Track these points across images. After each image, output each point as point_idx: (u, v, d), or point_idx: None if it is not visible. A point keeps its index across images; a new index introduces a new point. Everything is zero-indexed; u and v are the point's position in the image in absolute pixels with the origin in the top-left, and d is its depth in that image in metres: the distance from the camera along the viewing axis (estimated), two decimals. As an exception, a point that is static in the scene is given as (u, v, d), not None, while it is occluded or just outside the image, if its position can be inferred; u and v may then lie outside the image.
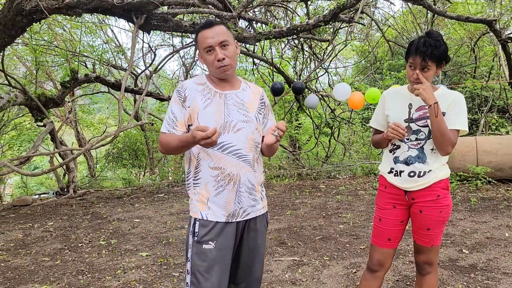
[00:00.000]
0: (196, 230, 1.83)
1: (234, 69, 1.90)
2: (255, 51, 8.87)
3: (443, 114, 2.02)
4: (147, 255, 4.06)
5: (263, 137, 1.96)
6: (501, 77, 9.64)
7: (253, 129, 1.88)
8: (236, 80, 1.95)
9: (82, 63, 9.14)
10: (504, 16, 8.84)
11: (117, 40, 11.72)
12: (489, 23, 6.51)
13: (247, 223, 1.91)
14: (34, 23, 5.78)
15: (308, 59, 9.78)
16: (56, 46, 8.75)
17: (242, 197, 1.85)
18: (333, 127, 9.93)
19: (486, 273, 3.27)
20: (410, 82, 2.07)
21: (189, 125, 1.86)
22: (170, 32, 7.96)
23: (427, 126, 2.04)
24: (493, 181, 6.73)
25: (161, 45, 11.28)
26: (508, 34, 8.27)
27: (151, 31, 7.00)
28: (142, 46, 9.15)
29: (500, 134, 9.87)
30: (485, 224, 4.64)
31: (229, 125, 1.83)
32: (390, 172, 2.16)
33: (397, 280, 3.21)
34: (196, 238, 1.82)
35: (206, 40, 1.79)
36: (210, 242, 1.80)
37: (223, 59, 1.79)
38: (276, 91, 6.98)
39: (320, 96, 9.30)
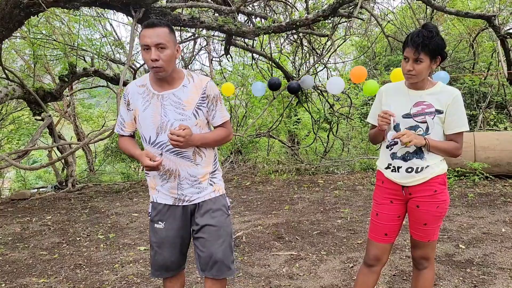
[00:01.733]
0: (149, 210, 2.13)
1: (169, 72, 1.91)
2: (254, 45, 8.85)
3: (442, 112, 2.03)
4: (145, 249, 4.07)
5: (216, 127, 2.09)
6: (500, 73, 9.63)
7: (192, 126, 1.95)
8: (177, 77, 1.98)
9: (80, 57, 9.09)
10: (503, 12, 8.83)
11: (116, 34, 11.67)
12: (488, 19, 6.50)
13: (197, 206, 2.05)
14: (32, 16, 5.74)
15: (307, 54, 9.76)
16: (54, 40, 8.70)
17: (184, 188, 2.02)
18: (332, 123, 9.93)
19: (482, 268, 3.29)
20: (404, 75, 2.06)
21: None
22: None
23: (425, 122, 2.05)
24: (491, 176, 6.75)
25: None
26: (507, 29, 8.26)
27: (150, 25, 6.95)
28: (141, 40, 9.10)
29: (498, 130, 9.88)
30: (482, 219, 4.66)
31: (166, 125, 1.94)
32: (388, 167, 2.16)
33: (394, 275, 3.23)
34: (149, 217, 2.12)
35: (144, 39, 1.87)
36: (160, 222, 2.06)
37: (156, 60, 1.85)
38: (272, 86, 6.96)
39: (319, 91, 9.30)
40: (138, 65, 9.51)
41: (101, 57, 8.72)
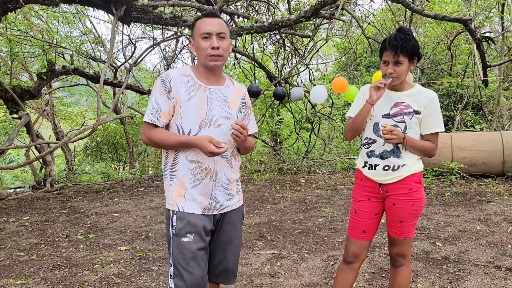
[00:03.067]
0: (174, 223, 1.85)
1: (224, 63, 1.90)
2: (237, 45, 8.85)
3: (419, 112, 2.09)
4: (126, 249, 4.03)
5: None
6: (476, 75, 9.90)
7: None
8: (222, 76, 1.96)
9: (59, 54, 8.92)
10: (479, 16, 9.07)
11: (96, 32, 11.50)
12: (465, 22, 6.67)
13: (223, 216, 1.94)
14: (9, 13, 5.62)
15: (290, 55, 9.82)
16: (32, 37, 8.52)
17: (217, 192, 1.89)
18: (314, 123, 10.03)
19: (458, 264, 3.39)
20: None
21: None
22: (150, 25, 7.87)
23: (403, 121, 2.10)
24: (467, 176, 6.93)
25: (142, 38, 11.13)
26: (483, 33, 8.50)
27: (131, 23, 6.90)
28: (122, 38, 9.01)
29: (474, 131, 10.16)
30: (458, 217, 4.79)
31: (211, 119, 1.84)
32: (365, 166, 2.21)
33: (373, 272, 3.29)
34: (174, 230, 1.84)
35: (206, 26, 1.80)
36: (188, 235, 1.81)
37: (218, 48, 1.80)
38: (252, 94, 6.92)
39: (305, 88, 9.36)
40: (119, 64, 9.39)
41: (81, 55, 8.58)
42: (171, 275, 1.85)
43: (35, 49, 8.77)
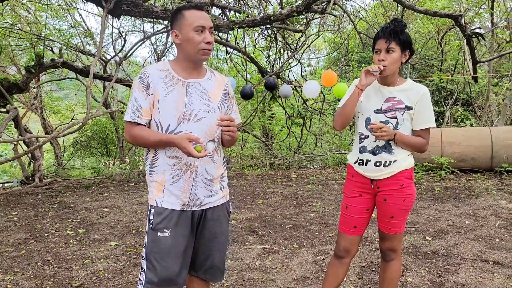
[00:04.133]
0: (151, 217, 1.84)
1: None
2: (228, 39, 8.80)
3: (411, 108, 2.09)
4: (116, 244, 4.01)
5: None
6: (466, 71, 9.98)
7: (216, 119, 1.85)
8: (203, 68, 1.94)
9: (48, 47, 8.79)
10: (469, 12, 9.13)
11: (86, 25, 11.36)
12: (455, 18, 6.70)
13: (204, 212, 1.91)
14: (-4, 4, 5.51)
15: (281, 49, 9.80)
16: (20, 29, 8.38)
17: (198, 188, 1.85)
18: (305, 118, 10.04)
19: (447, 258, 3.43)
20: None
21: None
22: (141, 18, 7.78)
23: (395, 117, 2.10)
24: (456, 171, 7.01)
25: (132, 31, 11.01)
26: (473, 29, 8.56)
27: (121, 16, 6.81)
28: (112, 32, 8.92)
29: (464, 126, 10.26)
30: (447, 212, 4.84)
31: (190, 114, 1.81)
32: (356, 161, 2.21)
33: (363, 266, 3.31)
34: (151, 225, 1.83)
35: (199, 20, 1.79)
36: (165, 230, 1.80)
37: (210, 43, 1.81)
38: (245, 96, 6.83)
39: (293, 87, 9.36)
40: (108, 57, 9.28)
41: (70, 48, 8.46)
42: (142, 268, 1.85)
43: (23, 42, 8.63)
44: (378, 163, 2.13)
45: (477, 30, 8.99)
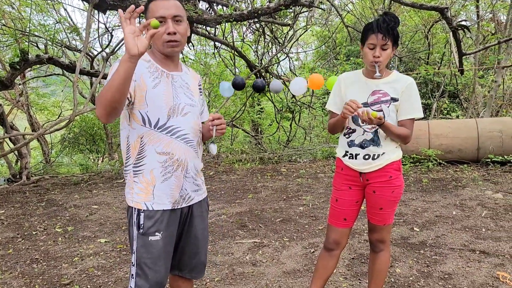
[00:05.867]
0: (141, 222, 1.71)
1: (182, 49, 1.78)
2: (216, 34, 8.76)
3: (397, 99, 2.10)
4: (106, 241, 3.98)
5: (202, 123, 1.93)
6: (452, 64, 10.09)
7: (198, 114, 1.84)
8: (179, 61, 1.86)
9: (33, 43, 8.64)
10: (455, 4, 9.21)
11: (71, 20, 11.17)
12: (441, 11, 6.75)
13: (191, 209, 1.87)
14: (-23, -1, 5.39)
15: (270, 43, 9.78)
16: (3, 25, 8.22)
17: (187, 184, 1.80)
18: (294, 112, 10.06)
19: (435, 249, 3.48)
20: (369, 64, 2.07)
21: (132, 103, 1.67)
22: (127, 13, 7.68)
23: (381, 110, 2.11)
24: (443, 162, 7.10)
25: (118, 26, 10.87)
26: (459, 21, 8.64)
27: (107, 11, 6.72)
28: (98, 27, 8.75)
29: (450, 118, 10.39)
30: (435, 203, 4.91)
31: (178, 108, 1.73)
32: (345, 155, 2.23)
33: (353, 258, 3.35)
34: (141, 230, 1.71)
35: (159, 10, 1.65)
36: (157, 234, 1.71)
37: (174, 33, 1.67)
38: (237, 86, 6.80)
39: (282, 82, 9.36)
40: (95, 53, 9.17)
41: (55, 44, 8.33)
42: (132, 275, 1.75)
43: (7, 38, 8.47)
44: (366, 156, 2.14)
45: (463, 23, 9.08)
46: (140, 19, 8.11)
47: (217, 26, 7.07)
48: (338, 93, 2.26)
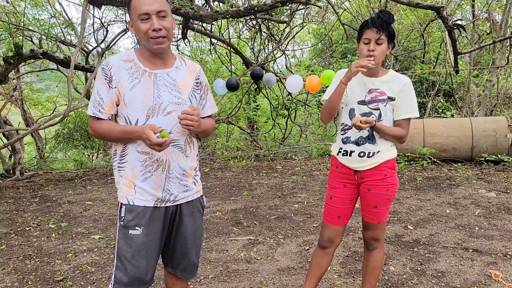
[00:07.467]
0: (122, 215, 1.77)
1: (170, 43, 1.76)
2: (212, 30, 8.72)
3: (394, 99, 2.11)
4: (99, 238, 3.97)
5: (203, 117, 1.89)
6: (447, 63, 10.12)
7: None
8: (170, 57, 1.81)
9: (27, 37, 8.56)
10: (451, 3, 9.23)
11: (66, 15, 11.08)
12: (437, 10, 6.77)
13: (179, 208, 1.85)
14: (-29, -7, 5.33)
15: (266, 40, 9.76)
16: (-3, 19, 8.13)
17: (171, 184, 1.78)
18: (290, 109, 10.05)
19: (428, 247, 3.50)
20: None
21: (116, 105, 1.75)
22: (123, 7, 7.64)
23: (378, 109, 2.12)
24: (438, 161, 7.13)
25: (114, 21, 10.80)
26: (454, 20, 8.66)
27: (103, 6, 6.67)
28: (93, 22, 8.72)
29: (445, 117, 10.43)
30: (429, 201, 4.93)
31: (159, 107, 1.72)
32: (339, 152, 2.23)
33: (347, 256, 3.36)
34: (122, 223, 1.76)
35: (142, 7, 1.63)
36: (137, 228, 1.74)
37: (160, 29, 1.65)
38: (231, 88, 6.77)
39: (278, 79, 9.35)
40: (90, 48, 9.11)
41: (50, 39, 8.26)
42: (113, 266, 1.80)
43: (1, 32, 8.39)
44: (362, 154, 2.15)
45: (459, 22, 9.11)
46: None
47: (213, 22, 7.04)
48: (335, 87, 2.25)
